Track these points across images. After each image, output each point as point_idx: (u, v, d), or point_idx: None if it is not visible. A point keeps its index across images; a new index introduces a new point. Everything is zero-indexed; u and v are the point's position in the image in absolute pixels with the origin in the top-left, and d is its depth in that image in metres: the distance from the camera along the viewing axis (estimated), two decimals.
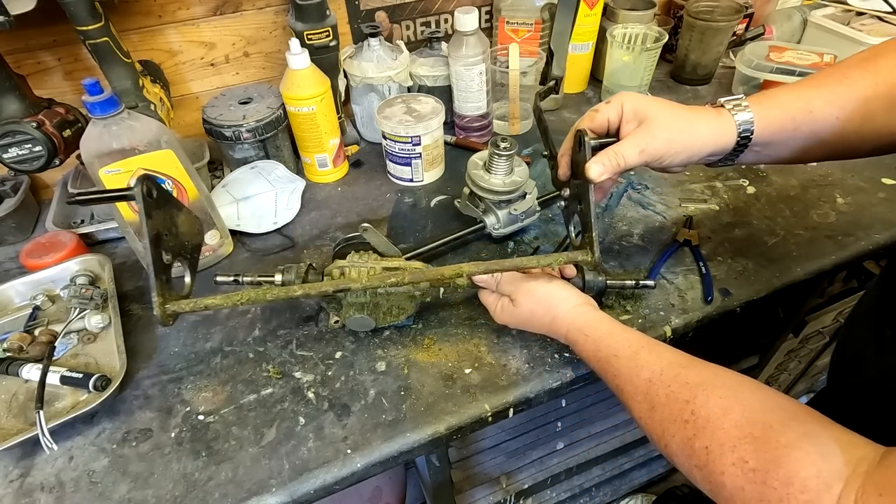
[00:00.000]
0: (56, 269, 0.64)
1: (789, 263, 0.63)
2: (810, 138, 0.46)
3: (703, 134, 0.47)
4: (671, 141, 0.47)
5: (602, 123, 0.50)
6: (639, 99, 0.48)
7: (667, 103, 0.48)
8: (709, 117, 0.47)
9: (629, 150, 0.47)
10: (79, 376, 0.53)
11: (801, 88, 0.46)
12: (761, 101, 0.47)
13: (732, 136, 0.47)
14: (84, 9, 0.57)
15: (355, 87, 0.84)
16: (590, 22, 0.91)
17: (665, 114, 0.47)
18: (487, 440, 0.85)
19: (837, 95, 0.44)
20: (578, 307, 0.50)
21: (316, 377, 0.55)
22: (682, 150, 0.47)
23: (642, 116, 0.48)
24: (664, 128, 0.47)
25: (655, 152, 0.47)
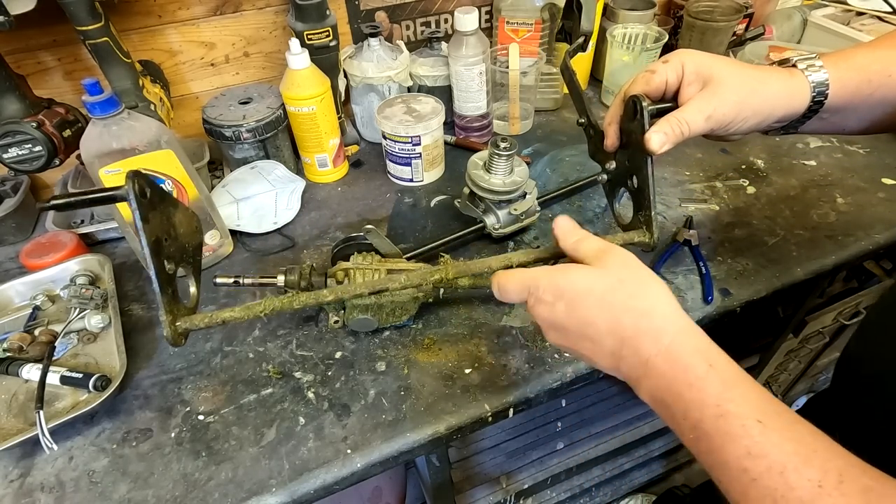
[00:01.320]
0: (56, 269, 0.64)
1: (789, 263, 0.63)
2: (884, 105, 0.43)
3: (774, 95, 0.43)
4: (742, 104, 0.42)
5: (659, 86, 0.45)
6: (701, 57, 0.44)
7: (731, 61, 0.44)
8: (781, 77, 0.43)
9: (695, 116, 0.42)
10: (79, 376, 0.53)
11: (881, 49, 0.43)
12: (836, 61, 0.43)
13: (805, 98, 0.43)
14: (84, 9, 0.57)
15: (355, 87, 0.84)
16: None
17: (733, 73, 0.43)
18: (487, 440, 0.85)
19: None
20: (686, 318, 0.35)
21: (316, 377, 0.55)
22: (753, 114, 0.43)
23: (706, 77, 0.43)
24: (733, 89, 0.42)
25: (724, 118, 0.42)
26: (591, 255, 0.38)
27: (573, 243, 0.40)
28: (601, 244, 0.39)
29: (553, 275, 0.37)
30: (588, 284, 0.36)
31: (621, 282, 0.35)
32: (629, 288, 0.35)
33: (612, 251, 0.38)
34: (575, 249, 0.40)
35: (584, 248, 0.39)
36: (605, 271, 0.36)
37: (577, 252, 0.39)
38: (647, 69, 0.45)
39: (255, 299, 0.63)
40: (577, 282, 0.36)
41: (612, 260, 0.37)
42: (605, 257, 0.37)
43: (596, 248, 0.38)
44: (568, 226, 0.41)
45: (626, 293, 0.35)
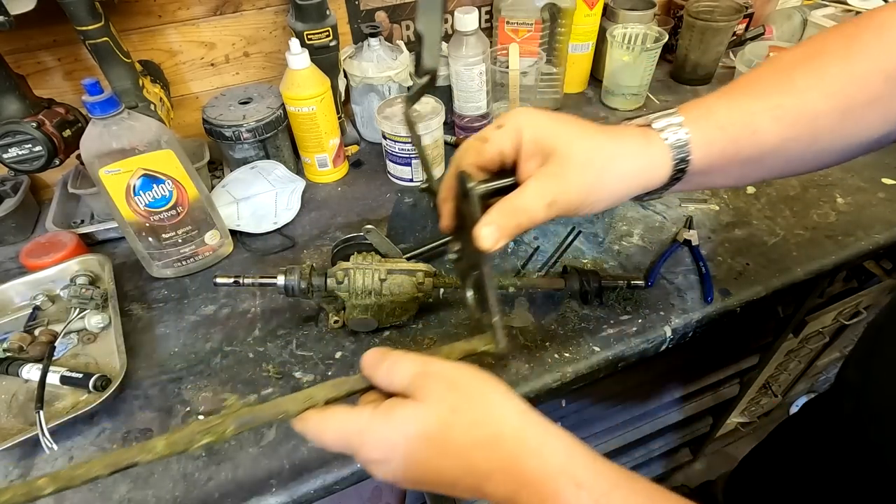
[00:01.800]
0: (56, 269, 0.64)
1: (789, 263, 0.63)
2: (751, 163, 0.38)
3: (630, 172, 0.36)
4: (591, 187, 0.34)
5: (493, 158, 0.36)
6: (541, 122, 0.35)
7: (579, 127, 0.36)
8: (636, 147, 0.36)
9: (534, 203, 0.34)
10: (79, 376, 0.53)
11: (742, 99, 0.37)
12: (697, 118, 0.36)
13: (666, 169, 0.36)
14: (84, 9, 0.57)
15: (355, 87, 0.84)
16: (590, 22, 0.91)
17: (580, 149, 0.34)
18: None
19: (785, 110, 0.36)
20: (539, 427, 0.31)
21: (316, 377, 0.54)
22: (606, 196, 0.35)
23: (548, 150, 0.34)
24: (580, 170, 0.34)
25: (569, 204, 0.34)
26: (408, 385, 0.32)
27: (385, 375, 0.34)
28: (416, 367, 0.33)
29: (376, 427, 0.31)
30: (420, 429, 0.30)
31: (455, 412, 0.30)
32: (467, 416, 0.30)
33: (430, 376, 0.32)
34: (389, 383, 0.33)
35: (398, 378, 0.33)
36: (432, 404, 0.31)
37: (393, 385, 0.33)
38: (479, 136, 0.37)
39: (255, 299, 0.63)
40: (407, 429, 0.30)
41: (434, 387, 0.31)
42: (425, 385, 0.31)
43: (412, 375, 0.32)
44: (373, 359, 0.34)
45: (466, 423, 0.30)
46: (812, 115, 0.36)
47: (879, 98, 0.36)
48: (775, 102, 0.36)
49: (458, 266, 0.37)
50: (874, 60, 0.36)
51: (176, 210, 0.61)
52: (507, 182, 0.36)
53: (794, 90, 0.36)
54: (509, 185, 0.36)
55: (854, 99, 0.36)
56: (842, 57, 0.36)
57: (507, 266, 0.65)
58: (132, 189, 0.57)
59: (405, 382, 0.32)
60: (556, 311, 0.59)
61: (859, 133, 0.38)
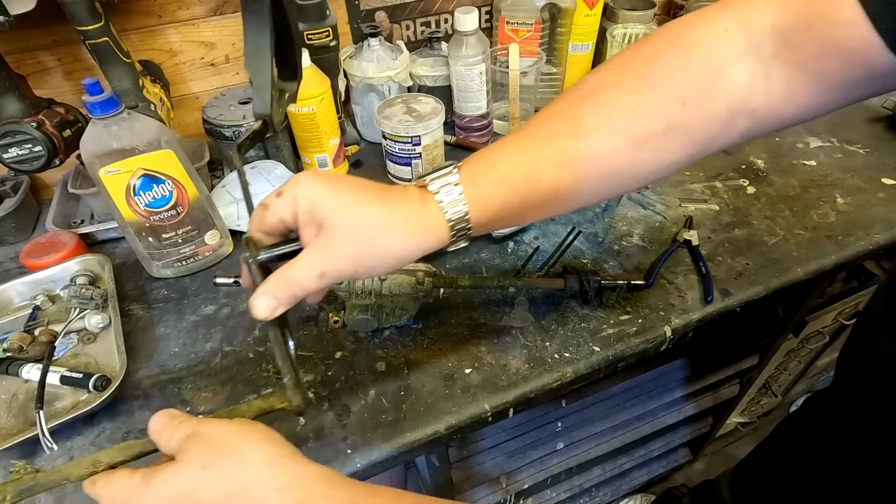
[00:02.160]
0: (56, 269, 0.64)
1: (789, 263, 0.63)
2: (543, 206, 0.38)
3: (403, 239, 0.35)
4: (360, 257, 0.35)
5: (276, 225, 0.37)
6: (316, 191, 0.35)
7: (354, 196, 0.35)
8: (409, 213, 0.35)
9: (305, 275, 0.34)
10: (79, 376, 0.53)
11: (527, 146, 0.37)
12: (475, 175, 0.36)
13: (444, 231, 0.36)
14: (84, 9, 0.57)
15: (355, 87, 0.84)
16: (590, 22, 0.91)
17: (349, 219, 0.34)
18: (487, 440, 0.85)
19: (569, 154, 0.36)
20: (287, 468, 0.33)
21: (316, 377, 0.54)
22: (379, 263, 0.36)
23: (320, 220, 0.34)
24: (348, 240, 0.34)
25: (341, 273, 0.35)
26: (176, 448, 0.33)
27: (165, 440, 0.35)
28: (188, 430, 0.34)
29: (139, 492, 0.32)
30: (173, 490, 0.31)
31: (206, 467, 0.31)
32: (217, 471, 0.31)
33: (194, 437, 0.33)
34: (167, 447, 0.35)
35: (173, 442, 0.34)
36: (186, 464, 0.32)
37: (169, 448, 0.34)
38: (262, 203, 0.37)
39: None
40: (163, 491, 0.31)
41: (192, 446, 0.33)
42: (187, 446, 0.33)
43: (182, 438, 0.33)
44: (159, 423, 0.35)
45: (215, 478, 0.31)
46: (600, 154, 0.36)
47: (677, 126, 0.36)
48: (559, 147, 0.36)
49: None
50: (670, 89, 0.36)
51: (176, 210, 0.61)
52: (293, 247, 0.37)
53: (581, 131, 0.36)
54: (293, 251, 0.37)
55: (648, 130, 0.36)
56: (635, 90, 0.36)
57: (507, 266, 0.65)
58: (132, 189, 0.57)
59: (176, 446, 0.34)
60: (556, 311, 0.59)
61: (659, 160, 0.37)
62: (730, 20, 0.35)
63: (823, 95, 0.35)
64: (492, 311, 0.60)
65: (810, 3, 0.33)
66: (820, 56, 0.33)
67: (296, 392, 0.38)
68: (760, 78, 0.35)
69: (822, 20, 0.33)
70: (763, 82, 0.35)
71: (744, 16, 0.35)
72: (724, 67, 0.35)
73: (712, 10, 0.37)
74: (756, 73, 0.35)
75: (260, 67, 0.41)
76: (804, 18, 0.33)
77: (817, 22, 0.33)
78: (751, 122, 0.37)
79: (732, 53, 0.35)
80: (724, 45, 0.35)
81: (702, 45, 0.36)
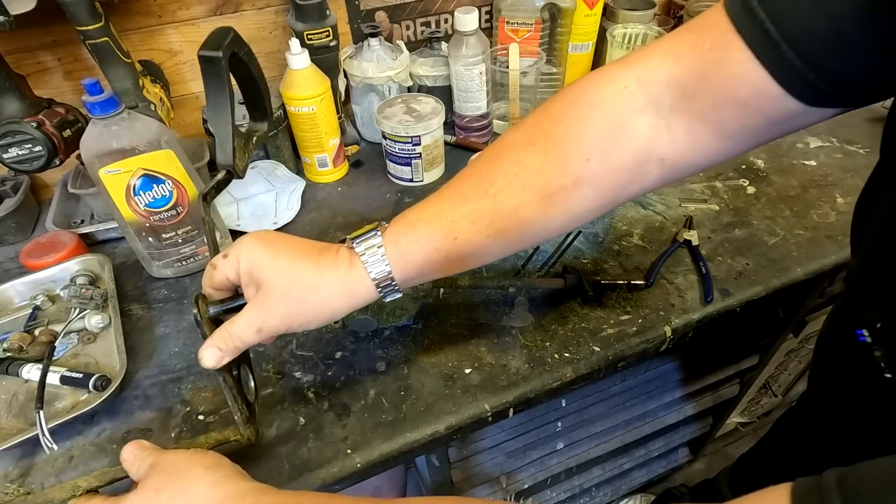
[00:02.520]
0: (56, 269, 0.64)
1: (789, 263, 0.63)
2: (465, 259, 0.41)
3: (330, 298, 0.39)
4: (291, 315, 0.39)
5: (223, 283, 0.41)
6: (255, 254, 0.39)
7: (288, 259, 0.39)
8: (337, 275, 0.39)
9: (244, 330, 0.39)
10: (79, 376, 0.53)
11: (445, 206, 0.40)
12: (397, 236, 0.39)
13: (370, 291, 0.39)
14: (84, 9, 0.57)
15: (355, 87, 0.84)
16: (590, 22, 0.91)
17: (281, 283, 0.38)
18: (487, 440, 0.85)
19: (483, 213, 0.39)
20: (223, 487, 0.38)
21: (316, 377, 0.54)
22: (312, 319, 0.40)
23: (258, 281, 0.39)
24: (280, 300, 0.39)
25: (276, 329, 0.39)
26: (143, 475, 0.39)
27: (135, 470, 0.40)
28: (151, 460, 0.40)
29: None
30: None
31: (159, 491, 0.37)
32: (167, 494, 0.37)
33: (155, 465, 0.39)
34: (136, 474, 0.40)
35: (141, 470, 0.40)
36: (144, 489, 0.38)
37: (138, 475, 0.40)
38: (210, 263, 0.42)
39: None
40: None
41: (151, 472, 0.39)
42: (147, 474, 0.39)
43: (147, 466, 0.39)
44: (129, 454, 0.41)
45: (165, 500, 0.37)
46: (511, 210, 0.39)
47: (585, 179, 0.38)
48: (474, 206, 0.39)
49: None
50: (573, 146, 0.38)
51: (176, 210, 0.61)
52: (238, 303, 0.42)
53: (493, 190, 0.39)
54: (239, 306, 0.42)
55: (555, 186, 0.38)
56: (541, 150, 0.39)
57: (507, 266, 0.65)
58: (132, 189, 0.57)
59: (142, 474, 0.39)
60: (556, 311, 0.59)
61: (572, 211, 0.40)
62: (629, 78, 0.38)
63: (727, 142, 0.37)
64: (492, 311, 0.60)
65: (703, 57, 0.35)
66: (716, 107, 0.35)
67: (246, 427, 0.43)
68: (662, 129, 0.38)
69: (713, 73, 0.34)
70: (666, 132, 0.38)
71: (641, 73, 0.38)
72: (625, 122, 0.38)
73: (613, 68, 0.39)
74: (657, 125, 0.38)
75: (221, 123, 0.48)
76: (697, 72, 0.35)
77: (709, 75, 0.35)
78: (662, 170, 0.39)
79: (633, 109, 0.38)
80: (625, 101, 0.38)
81: (602, 103, 0.38)
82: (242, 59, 0.50)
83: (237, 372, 0.44)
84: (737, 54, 0.33)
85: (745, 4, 0.32)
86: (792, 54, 0.31)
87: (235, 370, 0.44)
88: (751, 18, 0.31)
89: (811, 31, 0.30)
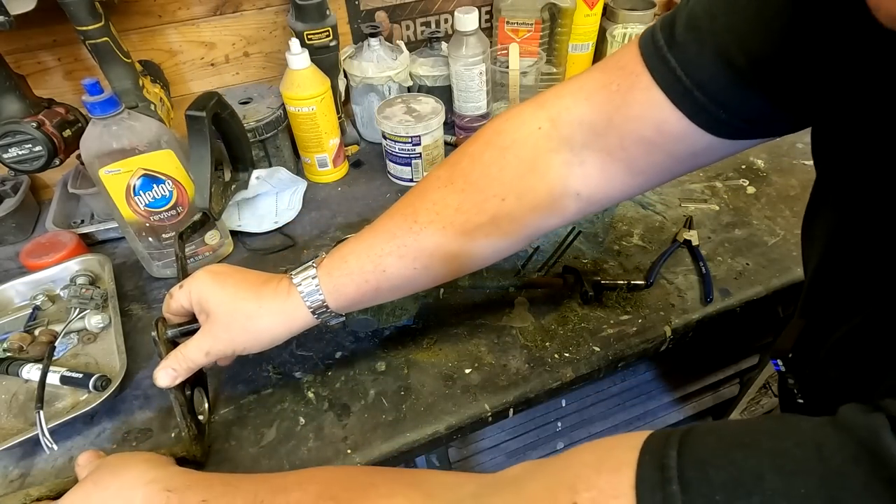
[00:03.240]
0: (56, 269, 0.64)
1: (789, 263, 0.63)
2: (395, 289, 0.44)
3: (270, 326, 0.43)
4: (235, 340, 0.43)
5: (179, 310, 0.46)
6: (203, 287, 0.44)
7: (233, 291, 0.43)
8: (276, 304, 0.43)
9: (195, 353, 0.44)
10: (79, 376, 0.53)
11: (374, 242, 0.43)
12: (331, 269, 0.43)
13: (307, 318, 0.43)
14: (84, 9, 0.57)
15: (355, 87, 0.84)
16: (590, 22, 0.91)
17: (225, 310, 0.43)
18: (487, 440, 0.85)
19: (408, 248, 0.42)
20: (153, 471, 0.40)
21: (316, 377, 0.54)
22: (254, 344, 0.44)
23: (207, 310, 0.44)
24: (224, 326, 0.43)
25: (222, 352, 0.44)
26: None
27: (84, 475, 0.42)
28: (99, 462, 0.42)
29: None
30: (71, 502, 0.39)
31: (96, 484, 0.39)
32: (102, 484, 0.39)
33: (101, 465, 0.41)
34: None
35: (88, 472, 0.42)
36: (81, 484, 0.40)
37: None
38: (169, 293, 0.47)
39: None
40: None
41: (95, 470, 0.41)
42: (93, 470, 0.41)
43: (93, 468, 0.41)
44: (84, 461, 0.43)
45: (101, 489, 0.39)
46: (435, 246, 0.41)
47: (502, 216, 0.41)
48: (400, 242, 0.42)
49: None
50: (489, 187, 0.41)
51: (176, 210, 0.61)
52: (193, 327, 0.47)
53: (417, 227, 0.42)
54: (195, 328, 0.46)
55: (474, 223, 0.41)
56: (460, 189, 0.41)
57: (507, 266, 0.65)
58: (132, 189, 0.57)
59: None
60: (556, 311, 0.59)
61: (494, 244, 0.43)
62: (542, 118, 0.40)
63: (639, 177, 0.39)
64: (492, 311, 0.60)
65: (610, 98, 0.37)
66: (624, 145, 0.38)
67: (194, 444, 0.46)
68: (576, 165, 0.40)
69: (619, 114, 0.37)
70: (579, 169, 0.40)
71: (554, 112, 0.40)
72: (538, 162, 0.40)
73: (528, 107, 0.41)
74: (570, 161, 0.40)
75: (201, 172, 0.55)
76: (605, 113, 0.37)
77: (615, 115, 0.37)
78: (579, 203, 0.42)
79: (546, 148, 0.40)
80: (539, 141, 0.40)
81: (516, 144, 0.40)
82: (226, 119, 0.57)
83: (190, 392, 0.47)
84: (640, 95, 0.35)
85: (658, 52, 0.34)
86: (704, 98, 0.33)
87: (189, 390, 0.47)
88: (664, 65, 0.34)
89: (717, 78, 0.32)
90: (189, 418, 0.46)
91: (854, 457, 0.18)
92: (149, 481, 0.38)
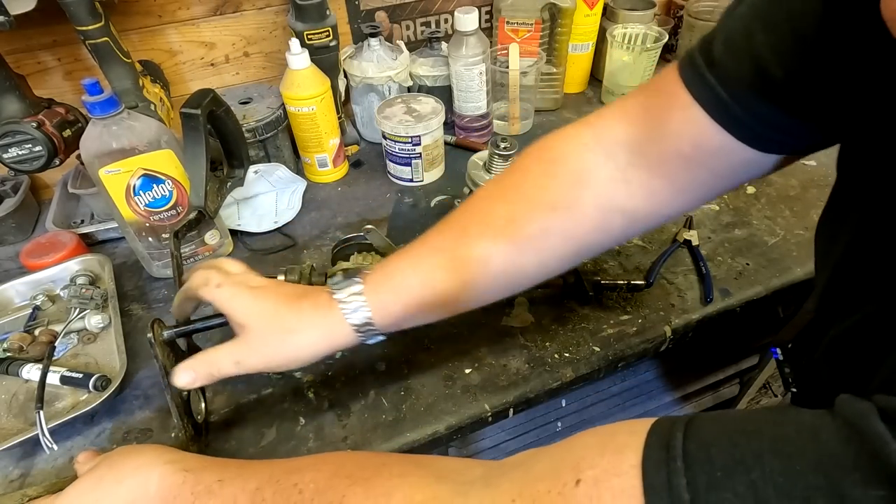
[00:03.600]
0: (56, 269, 0.64)
1: (789, 263, 0.63)
2: (439, 310, 0.42)
3: (307, 343, 0.41)
4: (271, 357, 0.41)
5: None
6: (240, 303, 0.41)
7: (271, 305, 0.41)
8: (316, 320, 0.41)
9: (224, 361, 0.41)
10: (79, 376, 0.53)
11: (422, 256, 0.42)
12: (377, 285, 0.41)
13: (350, 336, 0.41)
14: (84, 9, 0.57)
15: (355, 87, 0.84)
16: (590, 22, 0.91)
17: (262, 325, 0.41)
18: (487, 440, 0.85)
19: (458, 262, 0.40)
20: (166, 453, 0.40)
21: (316, 377, 0.54)
22: (290, 361, 0.41)
23: (242, 324, 0.41)
24: (260, 342, 0.41)
25: (254, 367, 0.42)
26: None
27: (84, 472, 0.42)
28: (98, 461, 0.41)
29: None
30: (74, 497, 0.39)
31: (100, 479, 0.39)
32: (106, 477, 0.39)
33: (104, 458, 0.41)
34: None
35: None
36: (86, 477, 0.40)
37: None
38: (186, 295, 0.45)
39: None
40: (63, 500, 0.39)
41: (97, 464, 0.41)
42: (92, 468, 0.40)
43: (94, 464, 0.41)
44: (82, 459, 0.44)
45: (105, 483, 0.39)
46: (485, 259, 0.41)
47: (552, 227, 0.41)
48: (449, 256, 0.41)
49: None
50: (540, 196, 0.41)
51: (176, 210, 0.61)
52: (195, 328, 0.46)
53: (467, 239, 0.41)
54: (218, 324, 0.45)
55: (525, 234, 0.41)
56: (511, 200, 0.42)
57: None
58: (132, 189, 0.57)
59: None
60: (556, 311, 0.59)
61: (542, 258, 0.42)
62: (587, 136, 0.41)
63: (683, 195, 0.40)
64: (492, 311, 0.60)
65: (649, 117, 0.38)
66: (665, 162, 0.38)
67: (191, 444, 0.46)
68: (620, 182, 0.40)
69: (657, 132, 0.38)
70: (624, 185, 0.40)
71: (599, 131, 0.41)
72: (585, 174, 0.41)
73: (575, 127, 0.43)
74: (615, 177, 0.40)
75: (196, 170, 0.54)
76: (645, 131, 0.38)
77: (654, 133, 0.38)
78: (625, 220, 0.41)
79: (593, 163, 0.41)
80: (585, 156, 0.41)
81: (564, 156, 0.41)
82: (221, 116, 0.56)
83: (187, 393, 0.47)
84: (679, 113, 0.36)
85: (696, 71, 0.35)
86: (740, 110, 0.33)
87: (186, 392, 0.47)
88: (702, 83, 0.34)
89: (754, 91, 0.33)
90: (186, 419, 0.46)
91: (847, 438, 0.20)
92: (166, 461, 0.39)
